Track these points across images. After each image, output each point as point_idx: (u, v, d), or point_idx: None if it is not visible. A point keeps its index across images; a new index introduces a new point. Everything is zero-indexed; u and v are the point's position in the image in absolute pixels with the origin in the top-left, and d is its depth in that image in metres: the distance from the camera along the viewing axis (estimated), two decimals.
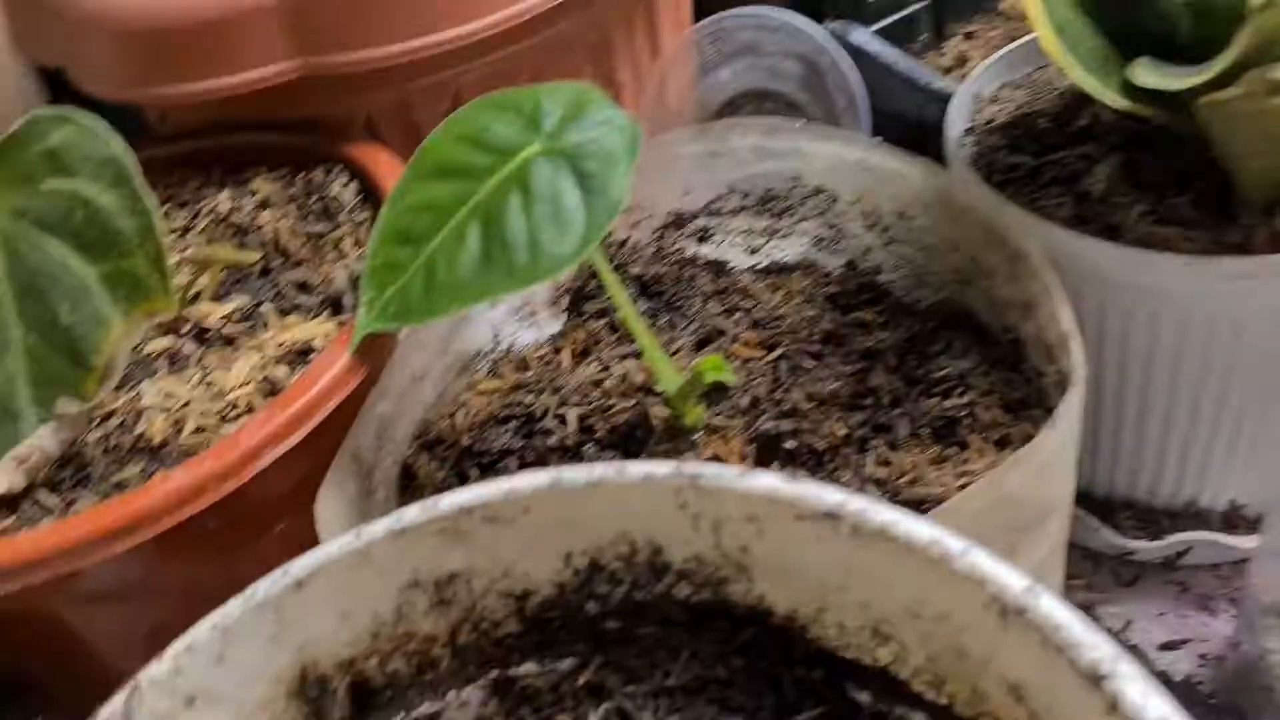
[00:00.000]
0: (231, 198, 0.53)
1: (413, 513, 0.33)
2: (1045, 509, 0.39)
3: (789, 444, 0.44)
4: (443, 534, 0.34)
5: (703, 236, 0.59)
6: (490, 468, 0.48)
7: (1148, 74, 0.41)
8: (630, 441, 0.46)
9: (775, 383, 0.47)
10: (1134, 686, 0.25)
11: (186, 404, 0.44)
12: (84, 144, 0.39)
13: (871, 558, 0.31)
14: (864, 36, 0.65)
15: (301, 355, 0.46)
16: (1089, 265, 0.44)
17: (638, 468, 0.33)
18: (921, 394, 0.46)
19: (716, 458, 0.45)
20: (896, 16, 0.74)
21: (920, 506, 0.41)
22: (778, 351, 0.49)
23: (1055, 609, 0.27)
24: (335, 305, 0.49)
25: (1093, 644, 0.26)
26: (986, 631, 0.29)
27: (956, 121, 0.54)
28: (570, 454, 0.47)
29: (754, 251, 0.59)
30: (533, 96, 0.42)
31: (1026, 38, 0.58)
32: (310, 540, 0.34)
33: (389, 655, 0.35)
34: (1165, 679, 0.51)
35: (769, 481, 0.31)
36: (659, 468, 0.33)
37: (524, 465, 0.47)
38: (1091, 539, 0.55)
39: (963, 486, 0.41)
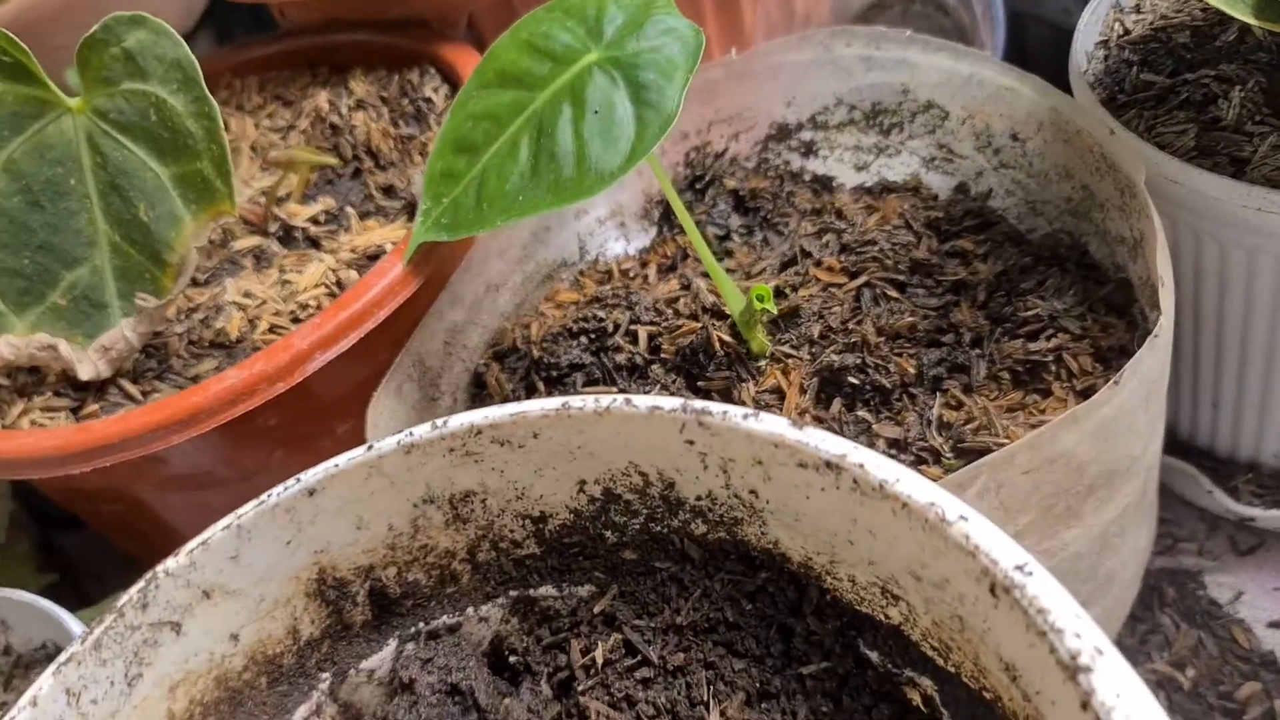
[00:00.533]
0: (330, 99, 0.53)
1: (423, 430, 0.33)
2: (1110, 472, 0.36)
3: (853, 379, 0.42)
4: (453, 453, 0.33)
5: (808, 150, 0.56)
6: (558, 381, 0.47)
7: None
8: (694, 365, 0.45)
9: (851, 312, 0.45)
10: (1110, 683, 0.23)
11: (263, 303, 0.46)
12: (156, 46, 0.40)
13: (872, 514, 0.29)
14: None
15: (371, 259, 0.47)
16: (1207, 202, 0.40)
17: (645, 400, 0.32)
18: (1006, 334, 0.43)
19: (776, 390, 0.43)
20: None
21: (982, 457, 0.38)
22: (861, 279, 0.46)
23: (1045, 591, 0.25)
24: (412, 209, 0.49)
25: (1076, 631, 0.24)
26: (981, 605, 0.27)
27: (1090, 31, 0.48)
28: (638, 373, 0.46)
29: (862, 168, 0.55)
30: (598, 2, 0.41)
31: None
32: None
33: (408, 566, 0.36)
34: (1268, 661, 0.46)
35: (773, 425, 0.30)
36: (666, 402, 0.31)
37: (590, 382, 0.47)
38: (1205, 501, 0.50)
39: None
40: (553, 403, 0.32)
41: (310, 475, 0.33)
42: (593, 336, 0.48)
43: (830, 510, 0.30)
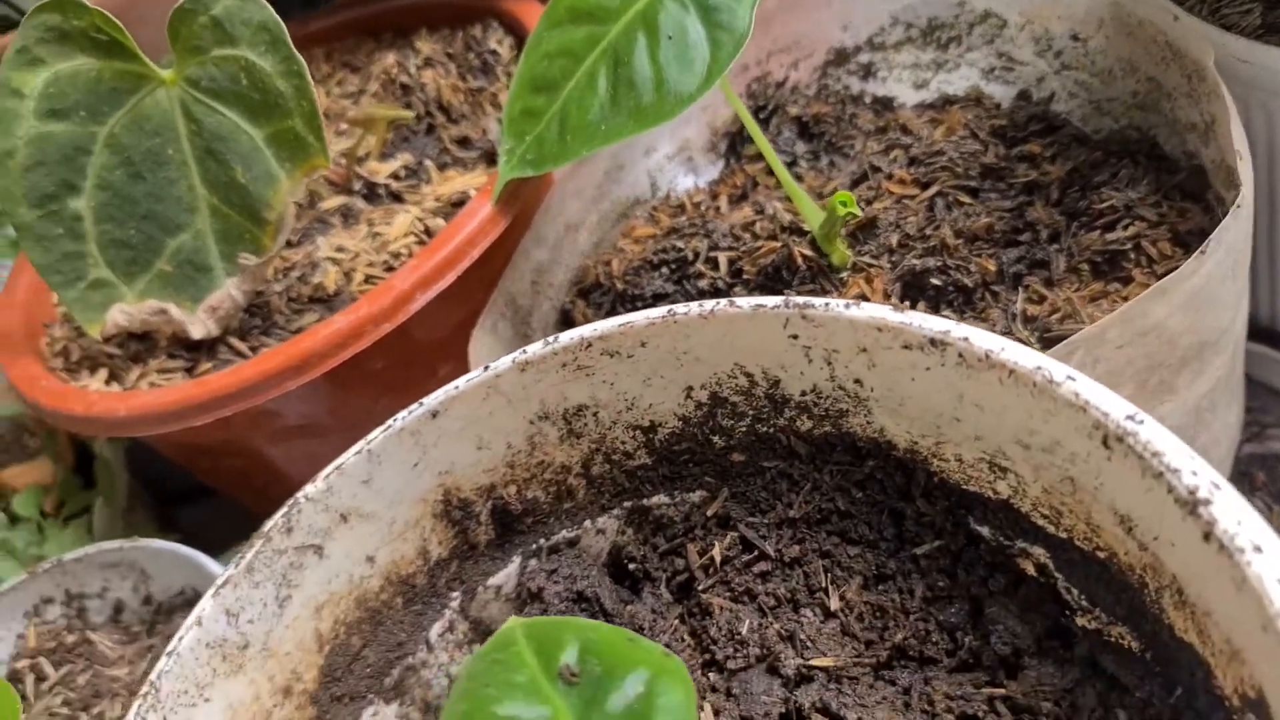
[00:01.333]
0: (397, 60, 0.55)
1: (536, 347, 0.35)
2: (1201, 344, 0.36)
3: (936, 280, 0.43)
4: (565, 367, 0.35)
5: (866, 73, 0.57)
6: None
7: None
8: (777, 283, 0.46)
9: (928, 219, 0.46)
10: (1230, 513, 0.24)
11: (355, 256, 0.48)
12: (242, 10, 0.42)
13: (979, 386, 0.30)
14: None
15: (456, 206, 0.48)
16: (1277, 79, 0.40)
17: (747, 300, 0.33)
18: (1083, 227, 0.44)
19: (861, 298, 0.44)
20: None
21: None
22: (933, 189, 0.47)
23: (1157, 435, 0.26)
24: (489, 158, 0.50)
25: (1192, 470, 0.25)
26: (1093, 461, 0.28)
27: None
28: (721, 297, 0.48)
29: (921, 86, 0.56)
30: None
31: None
32: None
33: (527, 483, 0.38)
34: None
35: (874, 311, 0.31)
36: (767, 300, 0.33)
37: None
38: None
39: None
40: (658, 311, 0.34)
41: (432, 398, 0.35)
42: (674, 266, 0.50)
43: (936, 389, 0.31)
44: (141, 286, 0.46)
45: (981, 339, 0.29)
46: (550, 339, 0.35)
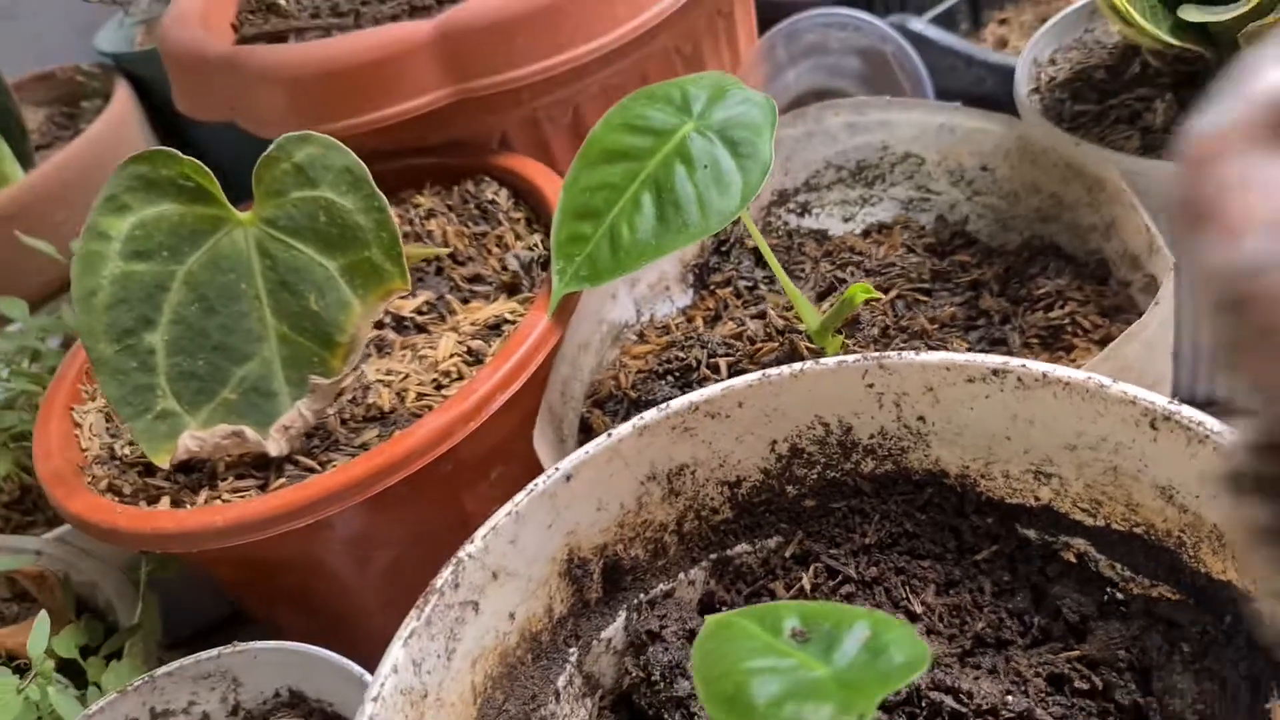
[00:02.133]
0: (400, 214, 0.61)
1: (652, 413, 0.41)
2: (1155, 382, 0.46)
3: None
4: (674, 430, 0.41)
5: (803, 210, 0.67)
6: None
7: (1197, 11, 0.49)
8: None
9: (898, 315, 0.55)
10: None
11: (406, 377, 0.52)
12: (325, 157, 0.47)
13: (1033, 404, 0.38)
14: (921, 25, 0.73)
15: (493, 329, 0.54)
16: (1161, 187, 0.52)
17: (832, 359, 0.40)
18: (1027, 310, 0.54)
19: None
20: (938, 10, 0.82)
21: None
22: (894, 293, 0.57)
23: (1194, 413, 0.34)
24: (511, 289, 0.57)
25: (1230, 432, 0.33)
26: (1138, 444, 0.36)
27: (1023, 83, 0.61)
28: None
29: (849, 219, 0.66)
30: (679, 86, 0.51)
31: (1068, 9, 0.66)
32: (519, 484, 0.40)
33: (631, 541, 0.43)
34: None
35: (942, 355, 0.39)
36: (850, 356, 0.40)
37: None
38: None
39: None
40: (754, 375, 0.41)
41: (567, 462, 0.40)
42: (678, 374, 0.57)
43: (993, 414, 0.39)
44: (205, 416, 0.49)
45: (1035, 364, 0.37)
46: (663, 405, 0.41)
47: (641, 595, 0.44)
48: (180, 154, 0.47)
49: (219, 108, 0.67)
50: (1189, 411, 0.34)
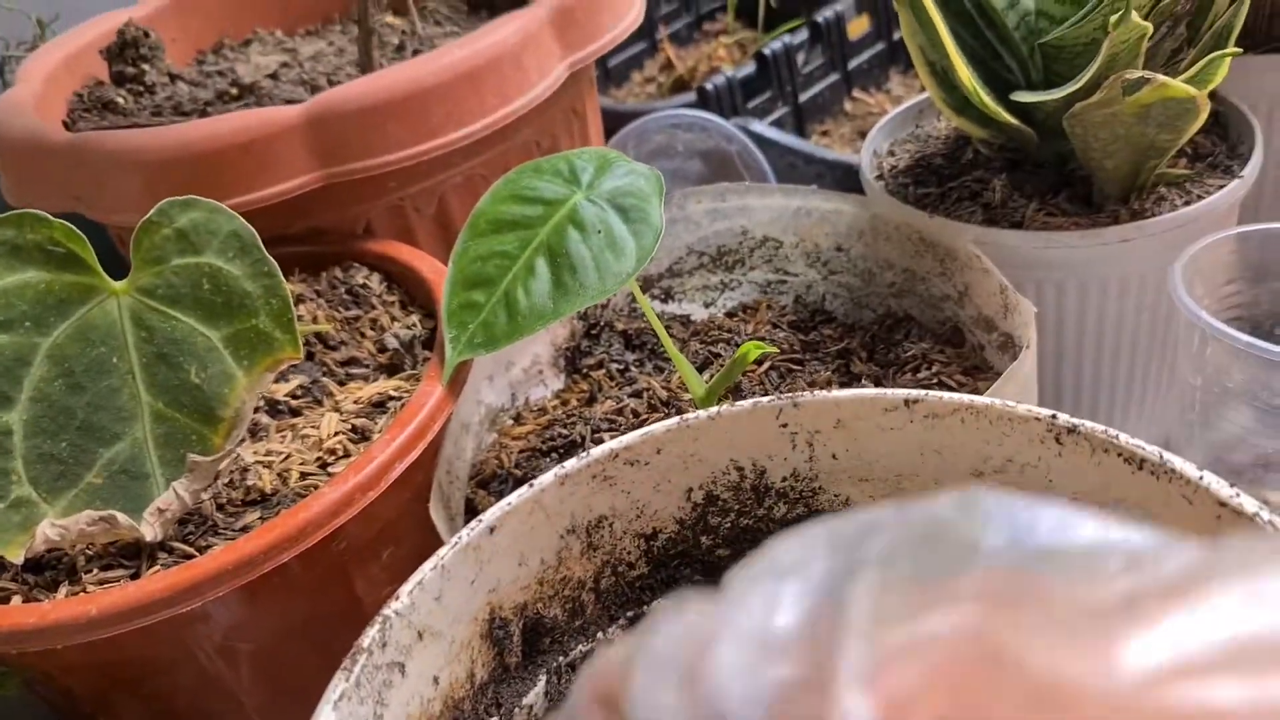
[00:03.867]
0: None
1: (573, 462, 0.40)
2: None
3: None
4: (594, 479, 0.41)
5: (667, 296, 0.68)
6: None
7: (1030, 95, 0.54)
8: None
9: (775, 384, 0.57)
10: (1167, 455, 0.35)
11: (287, 457, 0.50)
12: (210, 221, 0.46)
13: (941, 433, 0.40)
14: (762, 127, 0.78)
15: (377, 407, 0.52)
16: (1006, 252, 0.56)
17: (747, 401, 0.41)
18: (896, 373, 0.56)
19: None
20: (768, 120, 0.88)
21: None
22: (766, 364, 0.59)
23: (1095, 424, 0.37)
24: (391, 369, 0.55)
25: (1124, 436, 0.36)
26: (1044, 460, 0.38)
27: (868, 170, 0.66)
28: None
29: (710, 305, 0.69)
30: (565, 159, 0.52)
31: (896, 110, 0.72)
32: (411, 566, 0.38)
33: (551, 600, 0.42)
34: None
35: (855, 390, 0.41)
36: (765, 398, 0.41)
37: None
38: None
39: None
40: (673, 420, 0.41)
41: (490, 514, 0.39)
42: (563, 450, 0.56)
43: (902, 447, 0.41)
44: (65, 503, 0.45)
45: (943, 395, 0.39)
46: (584, 454, 0.41)
47: (561, 658, 0.42)
48: (51, 217, 0.44)
49: (59, 197, 0.63)
50: (1090, 424, 0.37)
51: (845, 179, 0.66)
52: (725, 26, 1.14)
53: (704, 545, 0.44)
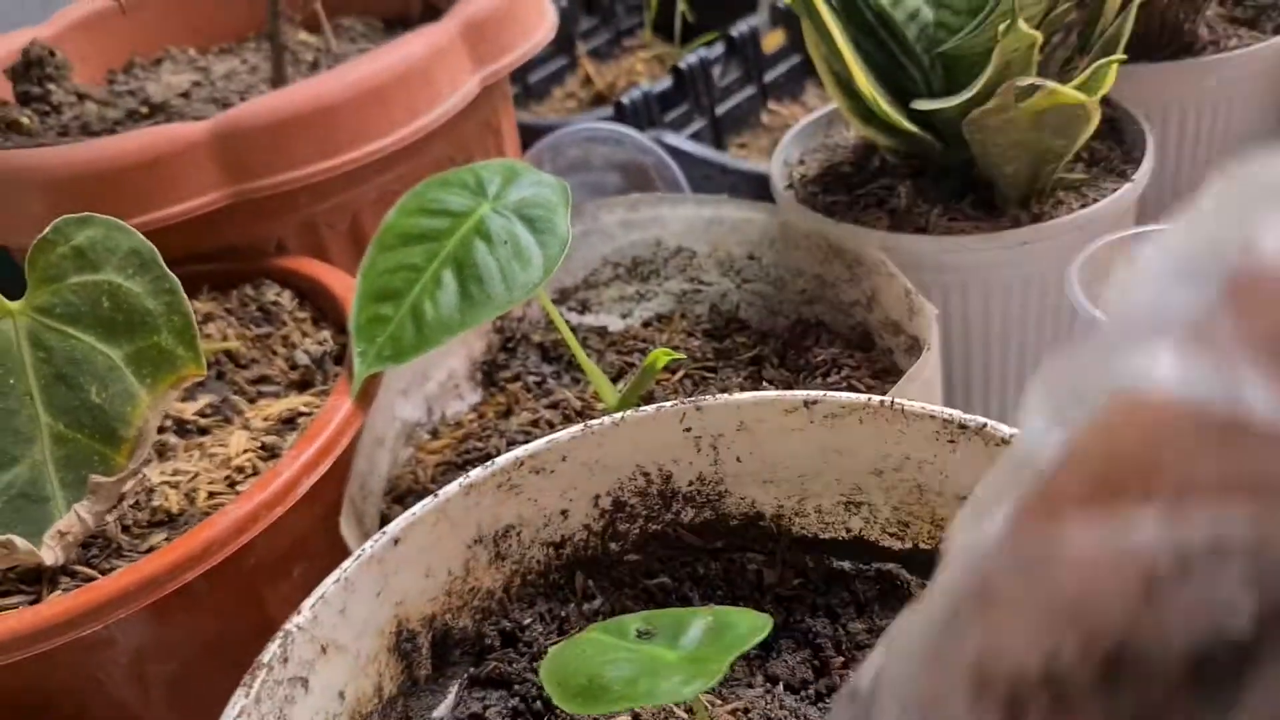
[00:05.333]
0: None
1: (478, 471, 0.40)
2: None
3: None
4: (500, 488, 0.41)
5: (583, 307, 0.69)
6: None
7: (928, 102, 0.55)
8: None
9: (689, 392, 0.57)
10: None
11: (195, 476, 0.49)
12: (109, 239, 0.45)
13: (841, 434, 0.41)
14: (677, 139, 0.79)
15: (287, 424, 0.52)
16: (912, 257, 0.57)
17: (650, 406, 0.42)
18: (807, 378, 0.57)
19: None
20: (686, 133, 0.88)
21: None
22: (681, 373, 0.59)
23: (987, 420, 0.38)
24: (303, 385, 0.55)
25: (1017, 430, 0.37)
26: (940, 458, 0.39)
27: (778, 179, 0.67)
28: None
29: (626, 315, 0.69)
30: (472, 171, 0.52)
31: (806, 119, 0.73)
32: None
33: (459, 611, 0.41)
34: None
35: (756, 393, 0.41)
36: (668, 403, 0.42)
37: None
38: None
39: None
40: (577, 427, 0.41)
41: (395, 525, 0.39)
42: (479, 465, 0.56)
43: (804, 448, 0.41)
44: None
45: (842, 396, 0.40)
46: (489, 463, 0.41)
47: (473, 668, 0.42)
48: None
49: None
50: (980, 419, 0.38)
51: (760, 189, 0.67)
52: (644, 41, 1.15)
53: (613, 551, 0.44)
